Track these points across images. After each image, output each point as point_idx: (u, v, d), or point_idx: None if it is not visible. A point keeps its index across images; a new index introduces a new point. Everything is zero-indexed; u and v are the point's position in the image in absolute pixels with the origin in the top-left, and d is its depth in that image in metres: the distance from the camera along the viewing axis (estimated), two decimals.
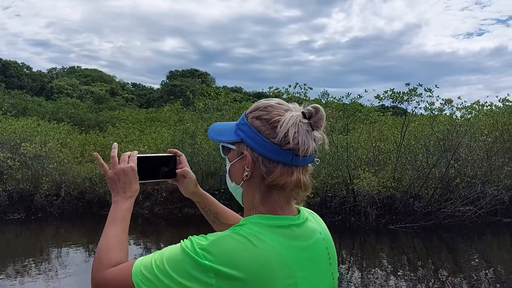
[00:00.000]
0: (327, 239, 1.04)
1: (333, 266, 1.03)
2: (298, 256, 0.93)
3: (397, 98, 10.86)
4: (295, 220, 0.98)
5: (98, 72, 63.99)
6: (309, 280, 0.94)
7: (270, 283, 0.86)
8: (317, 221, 1.07)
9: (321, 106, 0.97)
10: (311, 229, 1.00)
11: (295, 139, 0.92)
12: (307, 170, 0.99)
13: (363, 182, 9.53)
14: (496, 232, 10.26)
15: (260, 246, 0.88)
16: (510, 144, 10.93)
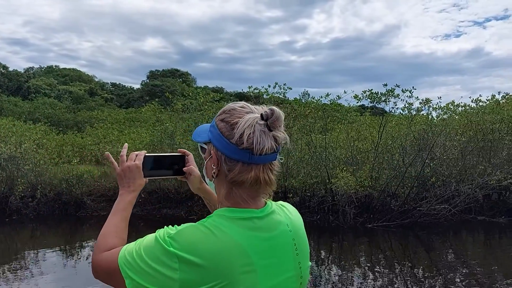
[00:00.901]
0: (295, 231, 1.11)
1: (300, 257, 1.09)
2: (258, 245, 1.01)
3: (375, 98, 11.01)
4: (257, 213, 1.06)
5: (77, 71, 62.98)
6: (270, 268, 1.02)
7: (226, 270, 0.95)
8: (287, 214, 1.13)
9: (277, 108, 1.04)
10: (275, 221, 1.07)
11: (249, 139, 1.01)
12: (270, 168, 1.06)
13: (341, 181, 9.64)
14: (470, 229, 10.49)
15: (220, 236, 0.98)
16: (484, 144, 11.19)
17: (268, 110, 1.03)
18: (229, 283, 0.95)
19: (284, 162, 11.38)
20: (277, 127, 1.03)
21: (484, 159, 11.06)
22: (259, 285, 0.99)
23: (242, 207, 1.05)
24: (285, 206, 1.17)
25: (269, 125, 1.02)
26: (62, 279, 7.09)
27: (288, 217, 1.12)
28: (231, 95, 50.35)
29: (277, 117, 1.02)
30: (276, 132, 1.03)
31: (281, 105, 12.01)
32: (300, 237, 1.11)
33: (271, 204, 1.11)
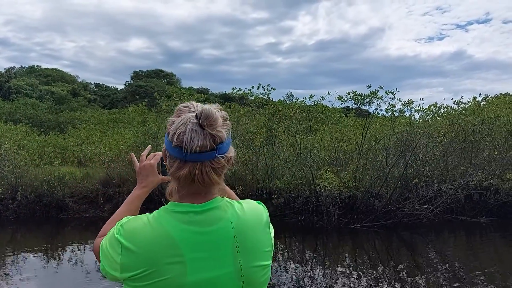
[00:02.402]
0: (241, 229, 1.12)
1: (242, 255, 1.11)
2: (191, 239, 1.07)
3: (359, 100, 11.09)
4: (195, 207, 1.11)
5: (59, 72, 62.09)
6: (201, 262, 1.07)
7: (154, 259, 1.05)
8: (236, 211, 1.15)
9: (209, 107, 1.09)
10: (215, 217, 1.12)
11: (179, 137, 1.07)
12: (210, 166, 1.10)
13: (325, 182, 9.68)
14: (452, 229, 10.63)
15: (155, 228, 1.08)
16: (465, 145, 11.36)
17: (201, 109, 1.08)
18: (156, 271, 1.04)
19: (269, 163, 11.39)
20: (210, 126, 1.06)
21: (465, 160, 11.23)
22: (187, 276, 1.05)
23: (183, 201, 1.12)
24: (242, 204, 1.19)
25: (201, 123, 1.06)
26: (44, 282, 6.96)
27: (236, 214, 1.14)
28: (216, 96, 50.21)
29: (206, 115, 1.06)
30: (212, 131, 1.07)
31: (265, 106, 12.03)
32: (246, 235, 1.12)
33: (219, 201, 1.15)
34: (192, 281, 1.06)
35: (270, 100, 12.08)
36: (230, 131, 1.15)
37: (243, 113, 12.01)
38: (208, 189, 1.14)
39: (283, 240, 9.91)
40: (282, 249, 9.18)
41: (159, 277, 1.04)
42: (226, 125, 1.13)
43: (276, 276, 7.11)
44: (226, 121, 1.14)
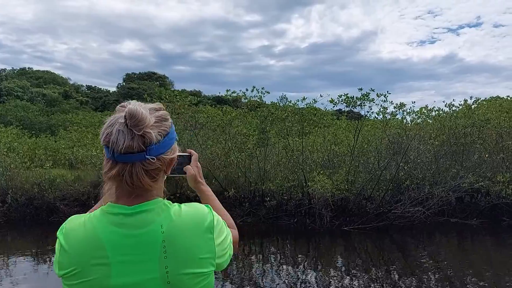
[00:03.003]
0: (172, 233, 1.08)
1: (170, 260, 1.06)
2: (118, 241, 1.06)
3: (350, 102, 11.13)
4: (126, 209, 1.09)
5: (51, 74, 61.78)
6: (127, 265, 1.05)
7: (80, 259, 1.05)
8: (170, 215, 1.10)
9: (137, 106, 1.06)
10: (145, 220, 1.08)
11: (106, 137, 1.07)
12: (140, 167, 1.08)
13: (318, 184, 9.69)
14: (443, 231, 10.68)
15: (87, 228, 1.08)
16: (456, 147, 11.43)
17: (127, 109, 1.06)
18: (81, 271, 1.04)
19: (262, 166, 11.39)
20: (136, 126, 1.04)
21: (456, 162, 11.31)
22: (111, 279, 1.04)
23: (118, 203, 1.11)
24: (181, 207, 1.15)
25: (127, 124, 1.04)
26: (34, 285, 6.90)
27: (169, 218, 1.10)
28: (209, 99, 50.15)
29: (130, 115, 1.04)
30: (138, 132, 1.04)
31: (258, 108, 12.04)
32: (176, 241, 1.07)
33: (154, 203, 1.11)
34: (116, 284, 1.04)
35: (263, 103, 12.09)
36: (168, 131, 1.13)
37: (235, 115, 12.02)
38: (142, 191, 1.10)
39: (275, 243, 9.91)
40: (275, 251, 9.17)
41: (84, 278, 1.04)
42: (161, 126, 1.11)
43: (268, 279, 7.11)
44: (161, 122, 1.12)
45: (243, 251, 9.02)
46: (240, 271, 7.53)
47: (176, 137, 1.21)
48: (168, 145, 1.13)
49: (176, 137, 1.21)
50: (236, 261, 8.22)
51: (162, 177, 1.17)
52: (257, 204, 11.44)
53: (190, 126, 11.59)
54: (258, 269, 7.69)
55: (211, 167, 11.24)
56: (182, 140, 11.52)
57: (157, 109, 1.14)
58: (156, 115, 1.11)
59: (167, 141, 1.12)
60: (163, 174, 1.17)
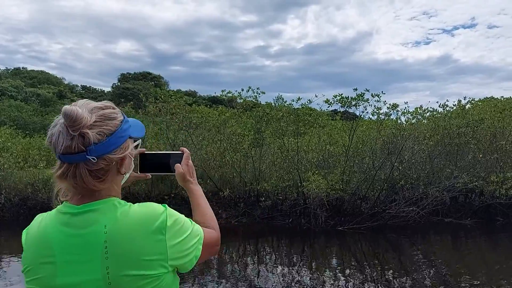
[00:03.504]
0: (115, 234, 1.06)
1: (111, 262, 1.04)
2: (64, 240, 1.07)
3: (345, 103, 11.14)
4: (73, 209, 1.10)
5: (45, 74, 61.52)
6: (71, 265, 1.05)
7: (31, 257, 1.09)
8: (115, 216, 1.09)
9: (72, 106, 1.06)
10: (90, 220, 1.08)
11: (49, 138, 1.10)
12: (84, 168, 1.08)
13: (313, 184, 9.70)
14: (438, 231, 10.72)
15: (40, 226, 1.12)
16: (450, 148, 11.48)
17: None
18: (32, 269, 1.08)
19: (257, 166, 11.39)
20: (71, 127, 1.04)
21: (450, 162, 11.35)
22: (56, 278, 1.05)
23: (70, 202, 1.12)
24: (131, 207, 1.12)
25: (66, 124, 1.05)
26: None
27: (114, 218, 1.08)
28: (204, 99, 50.09)
29: (64, 115, 1.04)
30: (74, 132, 1.04)
31: (253, 109, 12.03)
32: (118, 241, 1.05)
33: (102, 203, 1.11)
34: (61, 283, 1.04)
35: (258, 103, 12.08)
36: (114, 130, 1.11)
37: (230, 115, 12.00)
38: (89, 191, 1.10)
39: (270, 243, 9.90)
40: (270, 251, 9.17)
41: (35, 276, 1.07)
42: (104, 125, 1.09)
43: (263, 279, 7.10)
44: (104, 121, 1.10)
45: (238, 251, 9.02)
46: (235, 271, 7.52)
47: (130, 134, 1.19)
48: (114, 144, 1.11)
49: (130, 134, 1.19)
50: (231, 262, 8.21)
51: (112, 176, 1.15)
52: (252, 204, 11.43)
53: (184, 126, 11.56)
54: (253, 269, 7.68)
55: (206, 167, 11.22)
56: (177, 140, 11.49)
57: (102, 108, 1.12)
58: (98, 114, 1.09)
59: (112, 140, 1.10)
60: (116, 173, 1.16)
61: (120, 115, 1.17)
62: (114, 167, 1.14)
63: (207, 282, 6.81)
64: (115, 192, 1.17)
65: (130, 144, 1.20)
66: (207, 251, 1.26)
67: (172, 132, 11.74)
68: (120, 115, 1.17)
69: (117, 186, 1.19)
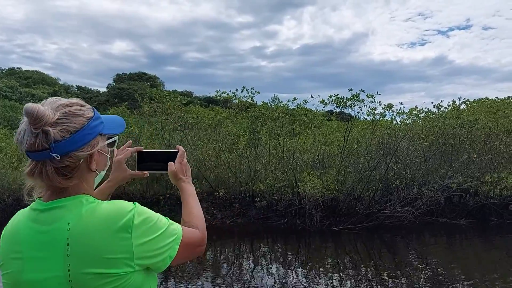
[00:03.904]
0: (78, 231, 1.05)
1: (72, 259, 1.03)
2: (31, 236, 1.08)
3: (340, 103, 11.16)
4: (41, 205, 1.11)
5: (40, 74, 61.24)
6: (36, 261, 1.06)
7: (4, 251, 1.11)
8: (80, 213, 1.08)
9: (32, 105, 1.05)
10: (55, 217, 1.08)
11: (16, 136, 1.11)
12: (50, 165, 1.08)
13: (308, 185, 9.70)
14: (432, 231, 10.76)
15: (13, 222, 1.14)
16: (445, 148, 11.53)
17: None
18: (3, 264, 1.10)
19: (252, 166, 11.38)
20: (32, 124, 1.04)
21: (445, 162, 11.39)
22: (23, 274, 1.06)
23: (41, 198, 1.14)
24: (99, 204, 1.11)
25: (29, 122, 1.05)
26: None
27: (79, 215, 1.07)
28: (200, 99, 50.04)
29: (26, 113, 1.04)
30: (36, 130, 1.04)
31: (249, 109, 12.02)
32: (80, 239, 1.04)
33: (69, 199, 1.11)
34: (27, 279, 1.05)
35: (253, 103, 12.07)
36: (79, 127, 1.10)
37: (226, 116, 11.99)
38: (58, 188, 1.11)
39: (265, 243, 9.89)
40: (265, 251, 9.16)
41: (5, 270, 1.09)
42: (68, 122, 1.08)
43: (258, 279, 7.10)
44: (69, 118, 1.09)
45: (233, 252, 9.01)
46: (230, 272, 7.51)
47: (100, 131, 1.17)
48: (80, 142, 1.10)
49: (100, 131, 1.17)
50: (226, 262, 8.21)
51: (81, 174, 1.14)
52: (247, 205, 11.43)
53: (180, 126, 11.54)
54: (248, 269, 7.68)
55: (201, 168, 11.20)
56: (172, 140, 11.47)
57: (68, 105, 1.11)
58: (62, 112, 1.09)
59: (77, 138, 1.09)
60: (86, 171, 1.15)
61: (89, 112, 1.16)
62: (83, 165, 1.14)
63: (202, 282, 6.80)
64: (85, 190, 1.16)
65: (101, 141, 1.19)
66: (187, 251, 1.22)
67: (167, 132, 11.72)
68: (88, 112, 1.15)
69: (87, 183, 1.18)
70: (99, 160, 1.19)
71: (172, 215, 1.42)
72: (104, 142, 1.21)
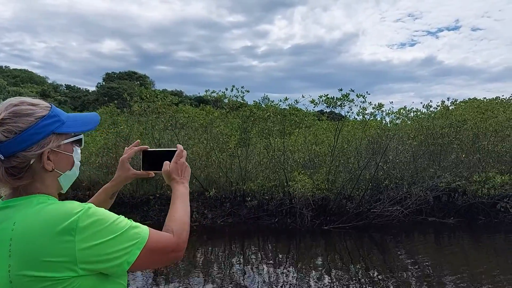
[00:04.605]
0: (19, 231, 1.02)
1: (14, 260, 1.01)
2: None
3: (331, 103, 11.22)
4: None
5: (28, 73, 60.59)
6: None
7: None
8: (26, 214, 1.06)
9: None
10: (5, 216, 1.07)
11: None
12: (1, 165, 1.07)
13: (299, 184, 9.74)
14: (421, 230, 10.85)
15: None
16: (434, 148, 11.64)
17: None
18: None
19: (243, 166, 11.39)
20: None
21: (434, 162, 11.51)
22: None
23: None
24: (49, 205, 1.07)
25: None
26: None
27: (25, 215, 1.05)
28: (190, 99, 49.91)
29: None
30: None
31: (239, 108, 12.02)
32: (22, 239, 1.01)
33: (21, 199, 1.09)
34: None
35: (244, 103, 12.08)
36: (25, 127, 1.07)
37: (217, 116, 11.98)
38: (14, 188, 1.11)
39: (256, 243, 9.91)
40: (255, 251, 9.17)
41: None
42: (13, 122, 1.07)
43: (249, 278, 7.11)
44: (15, 117, 1.07)
45: (224, 251, 9.01)
46: (221, 271, 7.51)
47: (53, 130, 1.13)
48: (26, 142, 1.07)
49: (53, 130, 1.13)
50: (217, 261, 8.21)
51: (34, 174, 1.12)
52: (238, 204, 11.43)
53: (170, 126, 11.50)
54: (239, 269, 7.68)
55: (192, 167, 11.14)
56: (162, 140, 11.43)
57: (16, 105, 1.09)
58: (8, 111, 1.07)
59: (23, 138, 1.06)
60: (41, 171, 1.12)
61: (41, 111, 1.12)
62: (36, 165, 1.11)
63: (193, 282, 6.79)
64: (41, 190, 1.13)
65: (55, 140, 1.14)
66: (154, 257, 1.16)
67: (157, 132, 11.68)
68: (40, 111, 1.11)
69: (44, 183, 1.14)
70: (57, 160, 1.15)
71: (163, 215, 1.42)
72: (61, 141, 1.15)
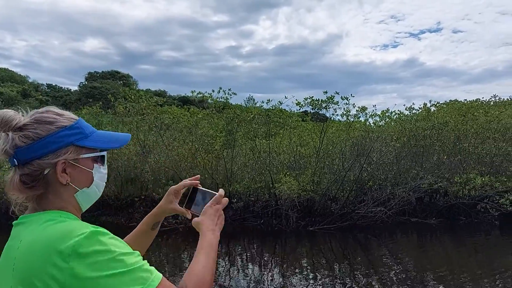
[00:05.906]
0: (22, 250, 0.99)
1: (14, 278, 0.97)
2: (3, 251, 1.05)
3: (316, 105, 11.32)
4: (16, 220, 1.08)
5: (9, 72, 59.35)
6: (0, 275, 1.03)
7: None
8: (33, 231, 1.01)
9: (4, 110, 1.05)
10: (15, 233, 1.06)
11: None
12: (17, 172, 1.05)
13: (284, 186, 9.80)
14: (404, 231, 11.03)
15: None
16: (416, 149, 11.83)
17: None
18: None
19: (229, 167, 11.40)
20: (1, 128, 1.04)
21: (416, 163, 11.70)
22: None
23: None
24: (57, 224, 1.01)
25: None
26: None
27: (31, 234, 1.00)
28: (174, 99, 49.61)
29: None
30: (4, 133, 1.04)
31: (224, 110, 12.02)
32: (22, 258, 0.97)
33: (34, 215, 1.05)
34: None
35: (228, 104, 12.07)
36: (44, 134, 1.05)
37: (202, 117, 11.97)
38: (34, 201, 1.08)
39: (242, 244, 9.94)
40: (241, 252, 9.21)
41: None
42: (34, 128, 1.05)
43: (234, 279, 7.13)
44: (36, 124, 1.05)
45: None
46: None
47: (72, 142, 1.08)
48: (42, 149, 1.04)
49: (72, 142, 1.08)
50: None
51: (46, 185, 1.07)
52: (224, 206, 11.42)
53: (155, 127, 11.44)
54: (225, 270, 7.70)
55: (177, 169, 11.15)
56: (147, 141, 11.37)
57: (41, 112, 1.09)
58: (33, 118, 1.06)
59: (39, 145, 1.03)
60: (55, 183, 1.07)
61: (64, 121, 1.09)
62: (51, 175, 1.06)
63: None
64: (55, 205, 1.07)
65: (73, 153, 1.08)
66: None
67: (142, 133, 11.61)
68: (63, 121, 1.09)
69: (59, 197, 1.08)
70: (74, 174, 1.09)
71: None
72: (80, 154, 1.10)
